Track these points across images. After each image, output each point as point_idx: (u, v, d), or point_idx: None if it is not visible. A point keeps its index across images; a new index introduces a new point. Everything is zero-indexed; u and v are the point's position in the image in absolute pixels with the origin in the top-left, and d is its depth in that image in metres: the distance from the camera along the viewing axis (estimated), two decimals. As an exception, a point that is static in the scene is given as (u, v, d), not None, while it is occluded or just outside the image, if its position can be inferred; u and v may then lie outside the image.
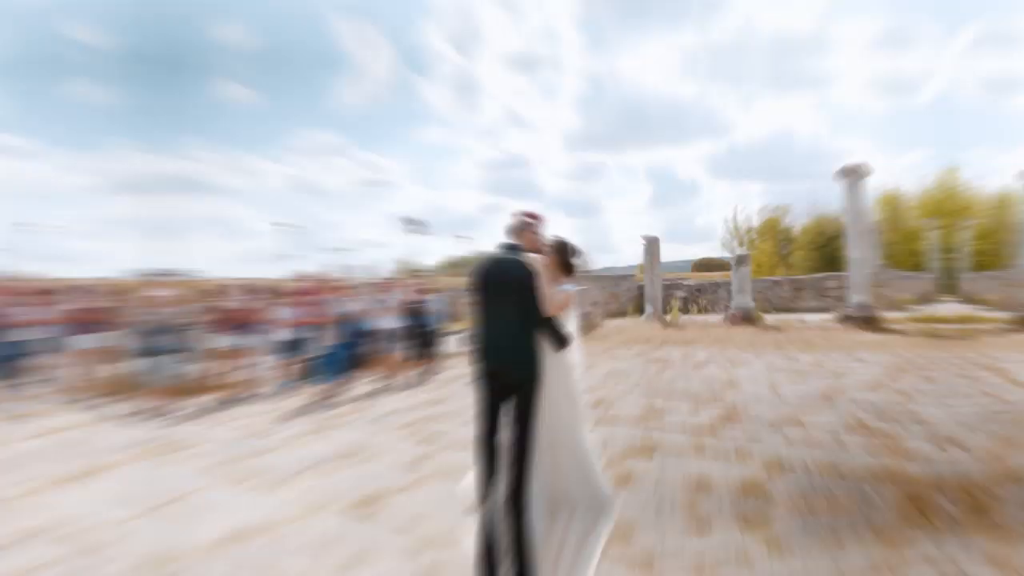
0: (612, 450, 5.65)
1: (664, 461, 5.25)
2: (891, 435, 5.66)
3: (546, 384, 3.97)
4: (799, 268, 38.40)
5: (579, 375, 4.28)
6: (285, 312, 10.81)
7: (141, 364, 8.92)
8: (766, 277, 28.51)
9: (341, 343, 9.95)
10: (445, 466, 5.42)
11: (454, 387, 10.03)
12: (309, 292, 10.99)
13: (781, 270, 38.90)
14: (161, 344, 8.70)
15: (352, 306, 10.64)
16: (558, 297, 3.95)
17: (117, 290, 11.10)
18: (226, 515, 4.51)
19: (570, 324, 4.31)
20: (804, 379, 8.99)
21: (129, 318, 9.66)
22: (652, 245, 21.64)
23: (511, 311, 3.96)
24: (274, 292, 11.87)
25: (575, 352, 4.30)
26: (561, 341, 3.98)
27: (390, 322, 11.12)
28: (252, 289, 10.54)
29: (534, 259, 3.94)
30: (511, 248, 4.12)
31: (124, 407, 8.94)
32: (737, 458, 5.21)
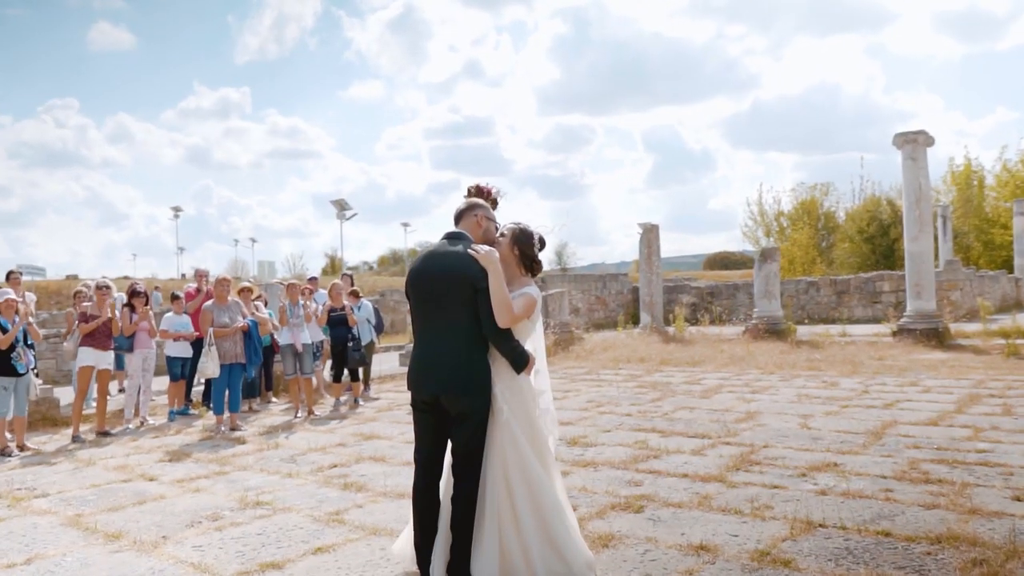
0: (590, 503, 5.66)
1: (657, 517, 5.27)
2: (955, 485, 5.79)
3: (500, 417, 3.94)
4: (844, 266, 39.21)
5: (545, 405, 4.27)
6: (174, 321, 10.67)
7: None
8: (800, 277, 29.10)
9: (244, 362, 9.84)
10: (374, 521, 5.41)
11: (390, 419, 9.97)
12: (202, 296, 10.82)
13: (820, 268, 39.67)
14: (10, 363, 8.48)
15: (259, 314, 10.52)
16: (517, 303, 3.92)
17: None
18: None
19: (535, 338, 4.30)
20: (844, 411, 9.17)
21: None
22: (650, 235, 21.85)
23: (454, 321, 3.93)
24: (170, 296, 11.68)
25: (540, 375, 4.29)
26: (520, 361, 3.96)
27: (309, 334, 11.02)
28: (131, 292, 10.33)
29: (485, 251, 3.91)
30: (455, 239, 4.09)
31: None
32: (752, 514, 5.26)
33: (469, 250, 3.93)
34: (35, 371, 10.69)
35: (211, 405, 9.82)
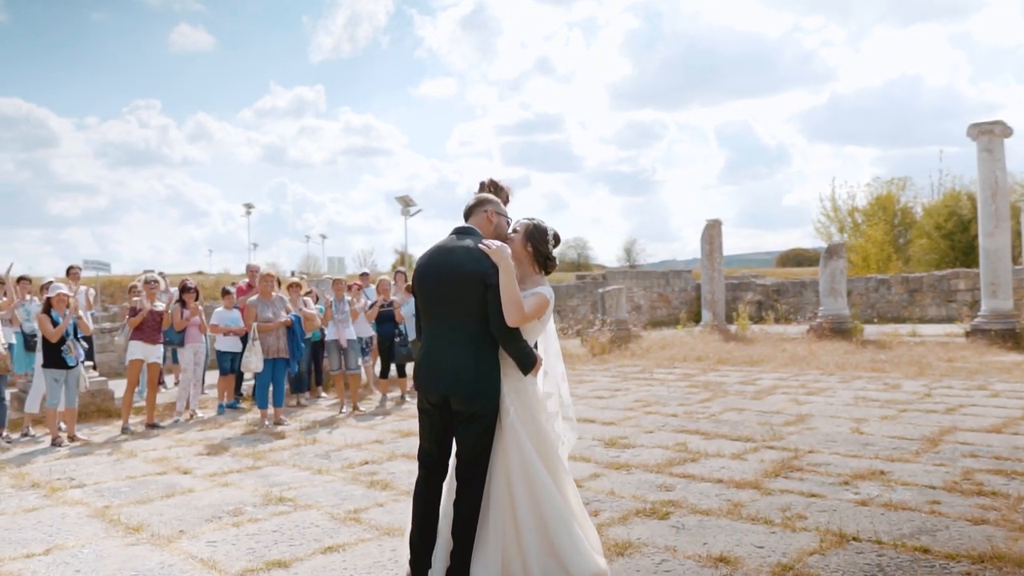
0: (615, 507, 5.45)
1: (682, 525, 5.03)
2: (1010, 498, 5.38)
3: (505, 419, 3.78)
4: (921, 263, 37.61)
5: (555, 408, 4.09)
6: (225, 316, 10.81)
7: (38, 379, 8.99)
8: (872, 275, 28.03)
9: (288, 357, 9.92)
10: (391, 521, 5.32)
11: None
12: (253, 291, 10.90)
13: (896, 265, 38.17)
14: (60, 355, 8.72)
15: (307, 310, 10.60)
16: (528, 302, 3.75)
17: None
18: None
19: (547, 339, 4.12)
20: (902, 415, 8.69)
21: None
22: (711, 231, 21.32)
23: (463, 319, 3.79)
24: (221, 291, 11.90)
25: (549, 378, 4.10)
26: (526, 362, 3.79)
27: (356, 330, 11.06)
28: (183, 287, 10.56)
29: (496, 246, 3.74)
30: (464, 234, 3.94)
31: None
32: (783, 524, 4.97)
33: (480, 245, 3.77)
34: (91, 364, 10.99)
35: (262, 399, 9.90)
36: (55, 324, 8.56)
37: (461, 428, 3.78)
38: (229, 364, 10.89)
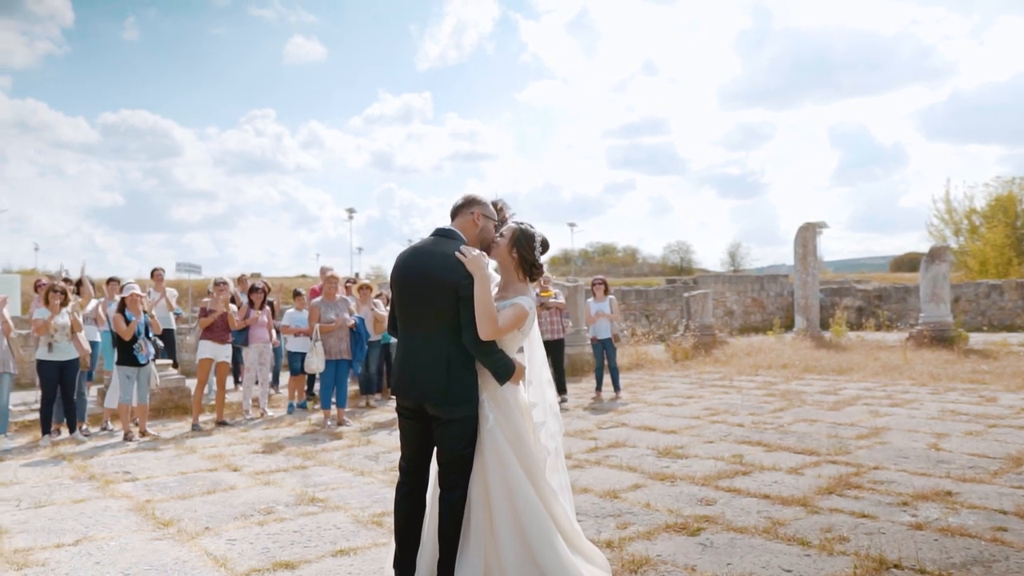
0: (646, 521, 5.17)
1: (711, 542, 4.71)
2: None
3: (485, 425, 3.60)
4: (1044, 269, 35.07)
5: (541, 418, 3.86)
6: (295, 317, 11.01)
7: (115, 377, 9.36)
8: (981, 280, 26.22)
9: (350, 358, 10.01)
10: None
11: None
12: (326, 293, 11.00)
13: (1018, 270, 35.68)
14: (132, 353, 9.04)
15: (378, 311, 10.68)
16: (505, 314, 3.56)
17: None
18: (107, 568, 4.47)
19: (532, 347, 3.91)
20: (990, 431, 7.99)
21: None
22: (805, 234, 20.38)
23: (435, 327, 3.63)
24: (292, 292, 12.18)
25: (534, 386, 3.88)
26: (502, 372, 3.59)
27: None
28: (251, 288, 10.83)
29: (474, 255, 3.56)
30: (444, 237, 3.77)
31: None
32: (820, 546, 4.57)
33: (457, 252, 3.59)
34: (171, 362, 11.38)
35: (327, 400, 10.00)
36: (128, 323, 8.88)
37: (439, 432, 3.63)
38: (299, 365, 11.06)
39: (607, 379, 11.74)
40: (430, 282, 3.60)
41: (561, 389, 11.35)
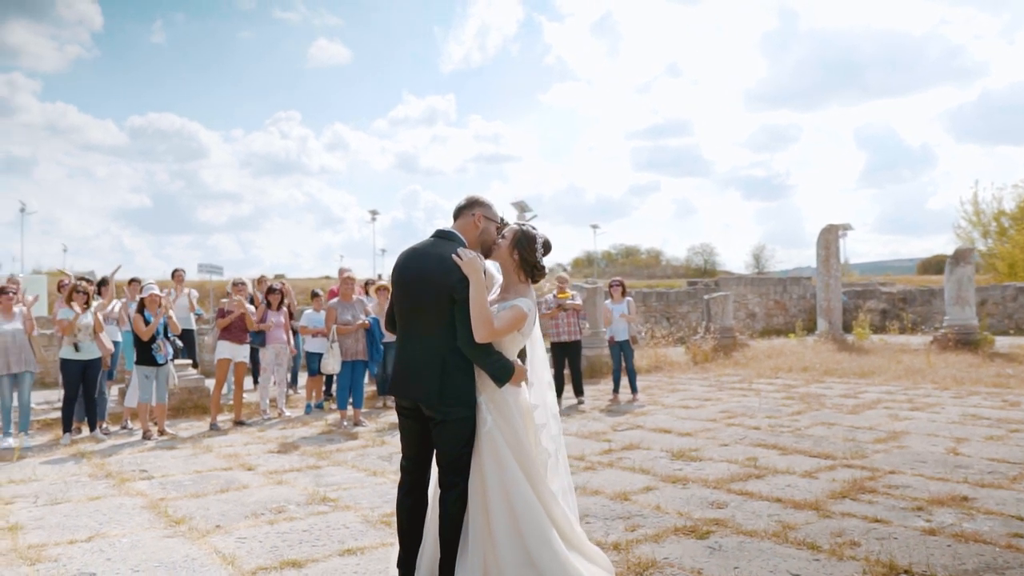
0: (654, 524, 5.14)
1: (719, 546, 4.67)
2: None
3: (483, 427, 3.59)
4: (1075, 271, 34.42)
5: (543, 419, 3.85)
6: (313, 318, 11.06)
7: (135, 377, 9.47)
8: (1010, 283, 25.79)
9: (366, 359, 10.04)
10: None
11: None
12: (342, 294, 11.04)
13: (1048, 274, 35.06)
14: (151, 353, 9.14)
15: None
16: (502, 317, 3.55)
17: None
18: (118, 564, 4.52)
19: (534, 348, 3.90)
20: (1011, 436, 7.86)
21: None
22: (827, 236, 20.16)
23: (431, 329, 3.64)
24: (311, 293, 12.25)
25: (536, 388, 3.87)
26: (500, 374, 3.58)
27: None
28: (268, 290, 10.91)
29: (470, 257, 3.56)
30: (443, 238, 3.77)
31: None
32: (830, 551, 4.51)
33: (454, 255, 3.58)
34: (191, 362, 11.48)
35: (344, 400, 10.04)
36: (147, 323, 8.98)
37: (435, 432, 3.63)
38: (317, 365, 11.12)
39: (624, 381, 11.68)
40: (426, 284, 3.61)
41: (578, 391, 11.32)
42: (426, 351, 3.61)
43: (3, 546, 5.02)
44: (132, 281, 11.61)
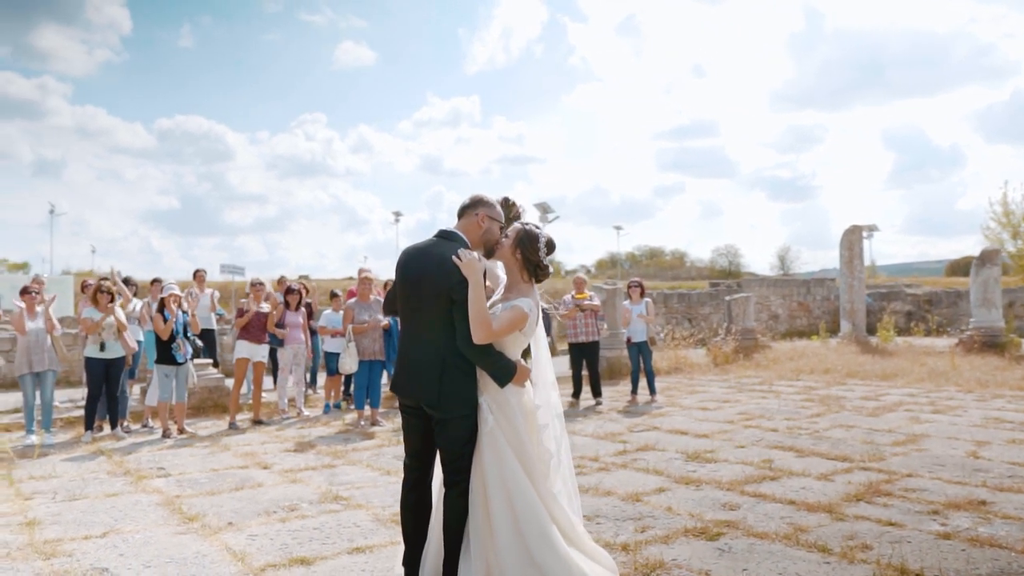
0: (665, 525, 5.11)
1: (729, 548, 4.63)
2: None
3: (484, 427, 3.59)
4: (1107, 273, 33.80)
5: (545, 420, 3.83)
6: (332, 318, 11.12)
7: (155, 375, 9.57)
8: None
9: (384, 359, 10.08)
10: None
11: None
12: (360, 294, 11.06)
13: (1078, 276, 34.45)
14: (170, 352, 9.24)
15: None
16: (502, 317, 3.54)
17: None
18: (130, 560, 4.58)
19: (538, 348, 3.89)
20: (1034, 439, 7.72)
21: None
22: (851, 237, 19.95)
23: (431, 329, 3.65)
24: (329, 293, 12.32)
25: (539, 388, 3.86)
26: (501, 374, 3.58)
27: None
28: (287, 290, 10.99)
29: (469, 258, 3.55)
30: (445, 237, 3.78)
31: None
32: (841, 554, 4.46)
33: (454, 256, 3.59)
34: (212, 362, 11.58)
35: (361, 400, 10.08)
36: (165, 322, 9.08)
37: (436, 431, 3.64)
38: (335, 365, 11.18)
39: (642, 382, 11.63)
40: (426, 284, 3.62)
41: (596, 392, 11.29)
42: (426, 351, 3.62)
43: (20, 541, 5.10)
44: (154, 281, 11.75)
